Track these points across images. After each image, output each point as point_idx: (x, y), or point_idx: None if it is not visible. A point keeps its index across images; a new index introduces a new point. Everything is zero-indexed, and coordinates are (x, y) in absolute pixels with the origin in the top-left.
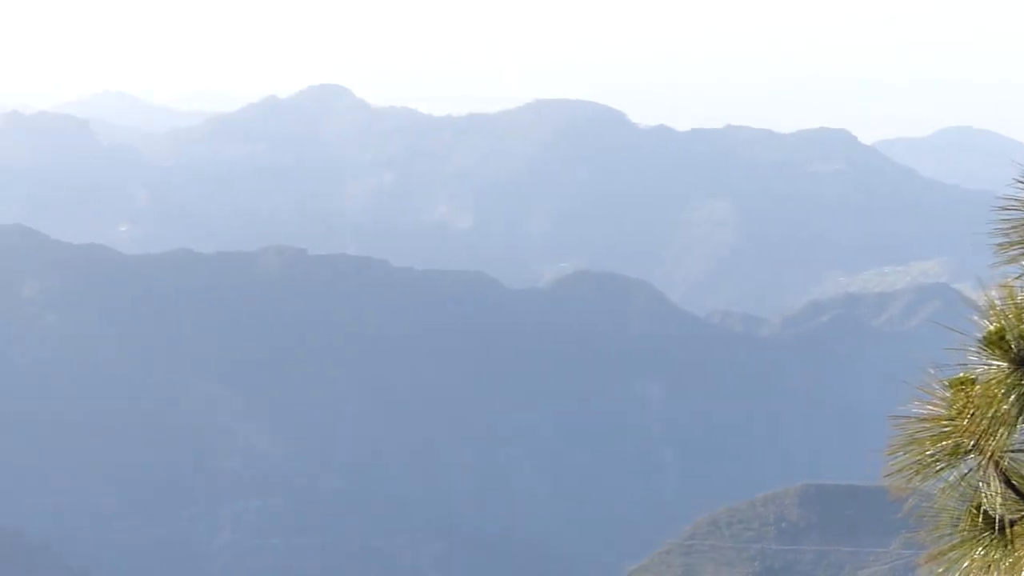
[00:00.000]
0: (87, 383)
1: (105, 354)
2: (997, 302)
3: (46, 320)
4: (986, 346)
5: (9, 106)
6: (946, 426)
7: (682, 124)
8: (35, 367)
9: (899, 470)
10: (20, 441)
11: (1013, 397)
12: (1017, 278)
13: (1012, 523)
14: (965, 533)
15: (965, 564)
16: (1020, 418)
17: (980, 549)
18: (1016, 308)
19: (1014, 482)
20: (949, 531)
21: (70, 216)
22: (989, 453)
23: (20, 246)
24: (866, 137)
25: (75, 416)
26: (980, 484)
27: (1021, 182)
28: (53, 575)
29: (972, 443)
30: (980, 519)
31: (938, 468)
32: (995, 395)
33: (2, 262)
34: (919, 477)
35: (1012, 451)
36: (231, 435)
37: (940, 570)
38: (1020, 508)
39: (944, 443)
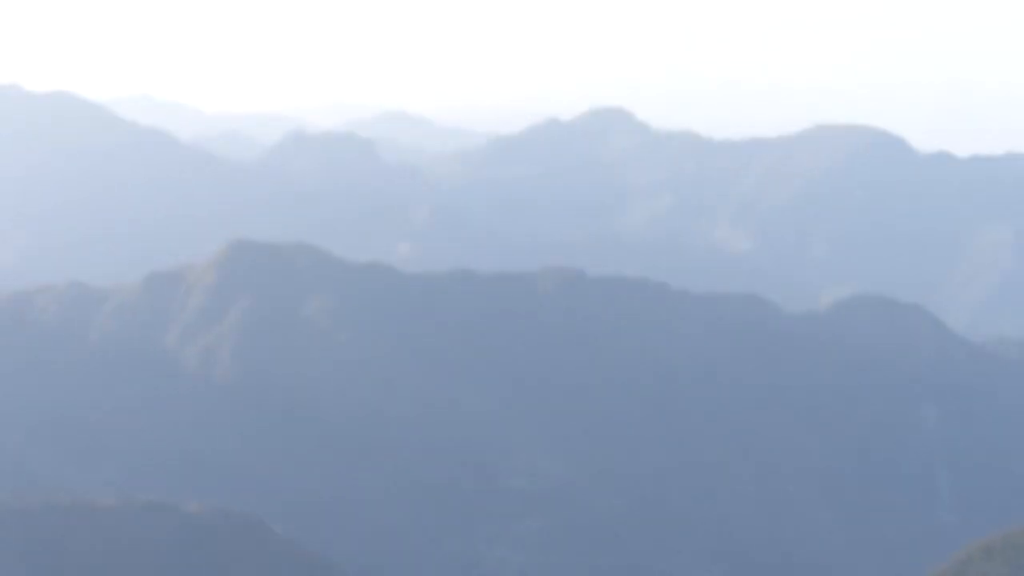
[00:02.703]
0: (378, 402)
1: (393, 373)
2: None
3: (336, 338)
4: None
5: (294, 125)
6: None
7: (961, 150)
8: (328, 385)
9: None
10: (313, 456)
11: None
12: None
13: None
14: None
15: None
16: None
17: None
18: None
19: None
20: None
21: (352, 234)
22: None
23: (303, 264)
24: None
25: (367, 434)
26: None
27: None
28: None
29: None
30: None
31: None
32: None
33: (285, 279)
34: None
35: None
36: (515, 454)
37: None
38: None
39: None
